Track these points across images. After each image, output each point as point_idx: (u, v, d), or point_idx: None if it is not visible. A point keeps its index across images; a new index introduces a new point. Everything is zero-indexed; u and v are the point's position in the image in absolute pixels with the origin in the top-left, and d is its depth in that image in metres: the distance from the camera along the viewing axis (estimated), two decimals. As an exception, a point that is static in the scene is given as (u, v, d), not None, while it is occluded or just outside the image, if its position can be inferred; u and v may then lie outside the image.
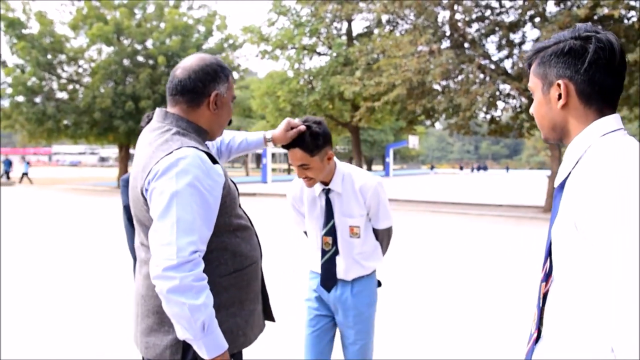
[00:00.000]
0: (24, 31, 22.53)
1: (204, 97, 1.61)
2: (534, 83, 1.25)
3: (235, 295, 1.63)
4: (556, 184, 1.20)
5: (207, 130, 1.68)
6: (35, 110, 22.55)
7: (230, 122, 1.77)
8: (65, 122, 23.62)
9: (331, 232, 2.36)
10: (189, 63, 1.64)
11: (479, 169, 70.71)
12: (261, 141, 2.20)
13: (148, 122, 2.34)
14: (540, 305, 1.23)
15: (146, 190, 1.50)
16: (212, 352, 1.45)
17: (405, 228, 11.44)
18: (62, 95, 24.11)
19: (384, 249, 2.55)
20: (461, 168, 74.61)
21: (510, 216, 14.05)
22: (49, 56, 22.93)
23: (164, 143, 1.53)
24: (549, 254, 1.20)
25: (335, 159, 2.30)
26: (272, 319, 1.90)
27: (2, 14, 21.76)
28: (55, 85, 24.06)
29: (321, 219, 2.38)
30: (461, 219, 13.45)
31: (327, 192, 2.35)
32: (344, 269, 2.38)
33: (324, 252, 2.39)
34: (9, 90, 22.96)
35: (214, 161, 1.57)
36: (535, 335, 1.24)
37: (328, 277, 2.39)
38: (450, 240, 9.80)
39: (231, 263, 1.62)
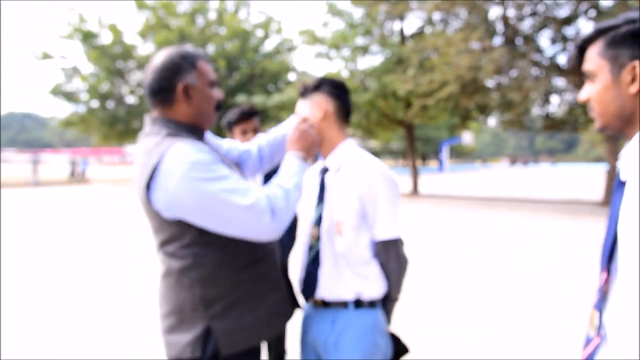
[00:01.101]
0: (97, 41, 24.37)
1: (172, 92, 1.57)
2: (597, 65, 1.15)
3: (254, 288, 1.60)
4: (622, 177, 1.10)
5: (195, 124, 1.63)
6: (107, 115, 24.30)
7: (219, 107, 1.70)
8: (135, 124, 25.28)
9: (319, 222, 1.83)
10: (152, 63, 1.61)
11: (525, 163, 69.17)
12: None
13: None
14: (601, 306, 1.10)
15: (150, 200, 1.47)
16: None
17: (462, 224, 11.61)
18: (132, 99, 25.83)
19: (394, 279, 1.80)
20: (514, 162, 73.83)
21: (566, 211, 13.87)
22: (119, 63, 24.65)
23: (155, 146, 1.50)
24: (609, 251, 1.08)
25: (350, 140, 1.89)
26: (298, 305, 1.84)
27: (79, 27, 23.64)
28: (125, 91, 25.82)
29: (313, 204, 1.88)
30: (517, 214, 13.34)
31: (324, 170, 1.89)
32: (324, 276, 1.80)
33: (310, 248, 1.85)
34: (85, 96, 24.87)
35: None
36: (598, 340, 1.10)
37: (309, 281, 1.83)
38: (505, 236, 9.87)
39: (245, 257, 1.59)
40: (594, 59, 1.14)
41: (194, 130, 1.61)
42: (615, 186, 1.11)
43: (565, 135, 29.20)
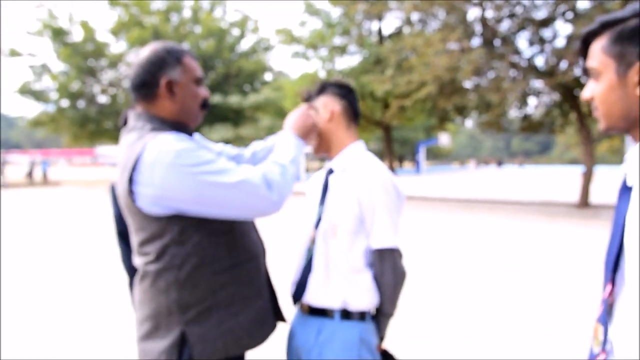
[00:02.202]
0: (68, 39, 23.66)
1: (156, 87, 1.52)
2: (601, 63, 1.05)
3: (235, 292, 1.52)
4: (629, 183, 1.03)
5: (179, 121, 1.57)
6: (78, 114, 23.64)
7: (205, 106, 1.65)
8: (107, 124, 24.65)
9: (317, 225, 1.77)
10: (138, 57, 1.58)
11: (499, 164, 69.62)
12: None
13: (124, 123, 2.30)
14: (606, 320, 1.03)
15: (131, 192, 1.41)
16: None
17: (442, 226, 11.49)
18: (104, 99, 25.19)
19: (387, 292, 1.70)
20: (480, 164, 74.44)
21: (543, 213, 13.90)
22: (91, 62, 24.00)
23: (137, 140, 1.46)
24: (614, 261, 1.02)
25: (359, 143, 1.85)
26: (282, 319, 1.74)
27: (49, 24, 22.90)
28: (96, 90, 25.16)
29: (315, 206, 1.83)
30: (495, 216, 13.35)
31: (329, 172, 1.84)
32: (313, 280, 1.74)
33: (307, 251, 1.78)
34: (55, 95, 24.13)
35: None
36: (604, 356, 1.03)
37: (299, 284, 1.77)
38: (486, 238, 9.81)
39: (227, 259, 1.51)
40: (599, 55, 1.05)
41: (179, 128, 1.54)
42: (620, 192, 1.04)
43: (541, 137, 29.52)
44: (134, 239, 1.50)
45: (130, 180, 1.39)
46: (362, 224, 1.70)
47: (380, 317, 1.74)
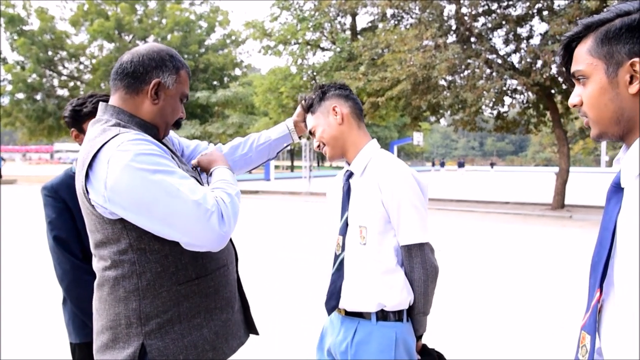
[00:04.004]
0: (24, 27, 22.39)
1: (144, 83, 1.44)
2: (589, 65, 1.01)
3: (200, 303, 1.44)
4: (622, 184, 0.98)
5: (152, 123, 1.48)
6: (35, 108, 22.46)
7: (179, 126, 1.57)
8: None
9: (344, 230, 1.75)
10: (138, 48, 1.50)
11: (460, 165, 68.40)
12: (286, 133, 1.97)
13: (71, 111, 2.07)
14: (594, 329, 1.01)
15: (87, 190, 1.31)
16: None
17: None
18: (63, 92, 24.02)
19: (419, 289, 1.69)
20: (461, 165, 72.59)
21: (518, 214, 13.76)
22: (50, 53, 22.83)
23: (100, 134, 1.36)
24: (604, 267, 0.98)
25: (374, 142, 1.83)
26: (254, 331, 1.67)
27: (2, 11, 21.59)
28: (56, 83, 23.98)
29: (339, 211, 1.81)
30: (469, 217, 13.18)
31: (349, 175, 1.82)
32: (346, 286, 1.74)
33: (335, 258, 1.78)
34: (9, 88, 22.84)
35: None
36: None
37: (332, 293, 1.76)
38: (459, 238, 9.55)
39: (192, 268, 1.42)
40: (585, 58, 1.03)
41: (148, 129, 1.45)
42: (609, 193, 1.00)
43: (515, 137, 29.59)
44: (90, 238, 1.43)
45: (87, 177, 1.30)
46: (389, 223, 1.69)
47: (415, 315, 1.70)
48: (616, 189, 1.00)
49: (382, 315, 1.68)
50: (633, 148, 0.98)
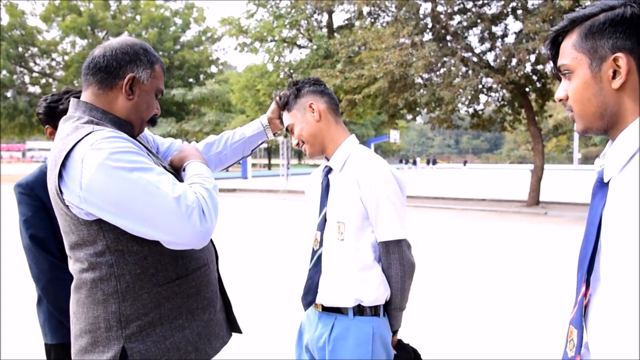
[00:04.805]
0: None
1: (118, 78, 1.39)
2: (573, 60, 1.02)
3: (181, 304, 1.41)
4: (606, 178, 0.98)
5: (126, 120, 1.43)
6: (6, 105, 21.89)
7: (154, 122, 1.55)
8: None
9: (322, 226, 1.76)
10: (110, 42, 1.45)
11: (428, 162, 68.37)
12: (260, 130, 1.95)
13: (46, 107, 2.02)
14: (581, 323, 1.01)
15: (61, 191, 1.27)
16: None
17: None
18: (35, 89, 23.46)
19: (396, 285, 1.70)
20: (434, 162, 72.46)
21: (493, 211, 13.92)
22: (20, 49, 22.26)
23: (72, 132, 1.31)
24: (590, 261, 0.98)
25: (353, 137, 1.83)
26: (237, 329, 1.66)
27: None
28: (27, 79, 23.42)
29: (317, 207, 1.82)
30: (445, 214, 13.28)
31: (328, 171, 1.82)
32: (324, 282, 1.76)
33: (313, 253, 1.79)
34: (-22, 85, 22.22)
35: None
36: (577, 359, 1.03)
37: (310, 288, 1.78)
38: (438, 235, 9.60)
39: (172, 268, 1.39)
40: (570, 52, 1.03)
41: (122, 126, 1.40)
42: (594, 189, 1.01)
43: (490, 134, 29.92)
44: (64, 240, 1.38)
45: (60, 177, 1.26)
46: (367, 219, 1.69)
47: (391, 310, 1.72)
48: (601, 184, 1.00)
49: (359, 310, 1.69)
50: (617, 143, 0.98)
